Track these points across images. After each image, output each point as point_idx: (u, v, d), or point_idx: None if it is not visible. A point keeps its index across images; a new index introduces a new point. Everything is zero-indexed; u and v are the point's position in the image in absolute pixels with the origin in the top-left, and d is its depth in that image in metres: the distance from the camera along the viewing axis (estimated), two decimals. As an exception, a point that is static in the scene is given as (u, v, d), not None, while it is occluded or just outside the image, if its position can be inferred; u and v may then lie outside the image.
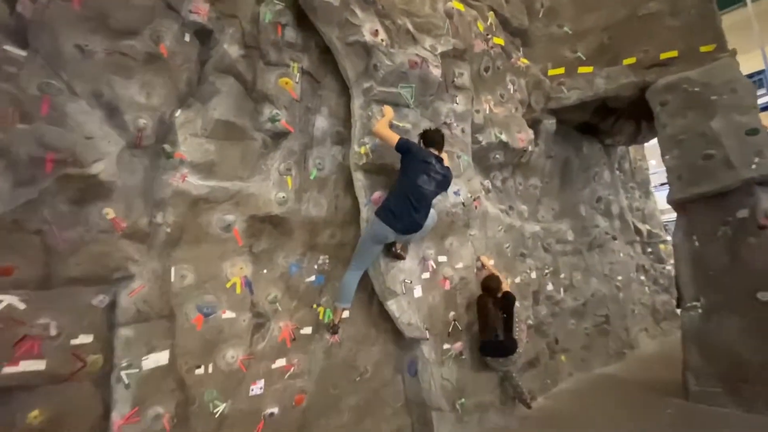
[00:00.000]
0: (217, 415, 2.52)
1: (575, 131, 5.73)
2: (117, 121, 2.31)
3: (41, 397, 1.99)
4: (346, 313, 3.18)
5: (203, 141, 2.70)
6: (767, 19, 10.60)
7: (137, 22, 2.42)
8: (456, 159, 3.77)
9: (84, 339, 2.14)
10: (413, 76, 3.33)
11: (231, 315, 2.67)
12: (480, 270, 3.84)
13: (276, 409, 2.77)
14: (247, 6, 2.90)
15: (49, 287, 2.08)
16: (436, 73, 3.44)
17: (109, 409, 2.16)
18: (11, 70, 2.07)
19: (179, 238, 2.57)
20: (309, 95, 3.24)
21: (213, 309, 2.61)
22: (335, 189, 3.33)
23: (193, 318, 2.54)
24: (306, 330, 3.04)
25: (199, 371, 2.51)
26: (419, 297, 3.32)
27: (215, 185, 2.70)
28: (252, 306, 2.80)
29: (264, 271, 2.92)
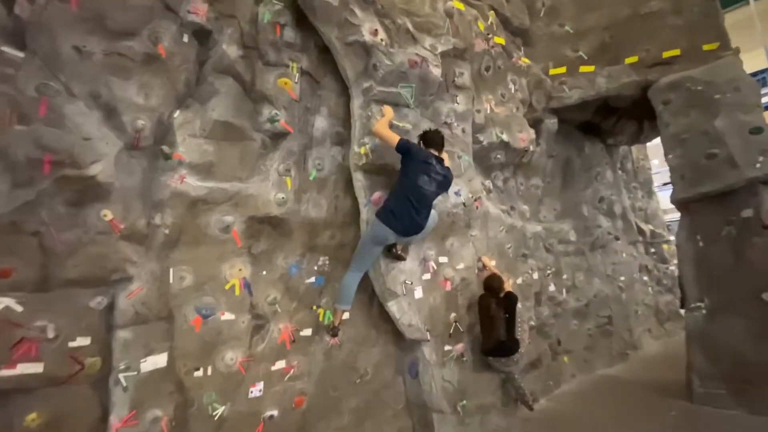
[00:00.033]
0: (216, 418, 2.51)
1: (577, 131, 5.70)
2: (115, 122, 2.31)
3: (39, 400, 1.99)
4: (346, 315, 3.16)
5: (202, 142, 2.69)
6: (770, 18, 10.52)
7: (135, 22, 2.41)
8: (457, 159, 3.74)
9: (82, 341, 2.13)
10: (413, 75, 3.31)
11: (230, 317, 2.66)
12: (481, 271, 3.82)
13: (276, 412, 2.76)
14: (246, 6, 2.89)
15: (47, 289, 2.08)
16: (436, 73, 3.42)
17: (107, 412, 2.15)
18: (9, 71, 2.08)
19: (178, 239, 2.56)
20: (308, 95, 3.23)
21: (212, 311, 2.60)
22: (335, 190, 3.32)
23: (192, 320, 2.53)
24: (306, 332, 3.03)
25: (198, 373, 2.50)
26: (420, 298, 3.30)
27: (214, 186, 2.69)
28: (251, 307, 2.78)
29: (263, 273, 2.91)
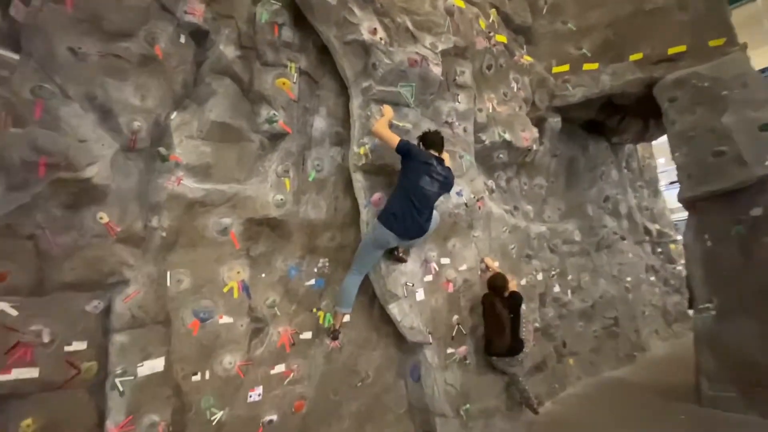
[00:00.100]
0: (215, 423, 2.48)
1: (581, 129, 5.64)
2: (111, 124, 2.29)
3: (34, 405, 1.97)
4: (346, 318, 3.12)
5: (199, 143, 2.67)
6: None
7: (131, 23, 2.40)
8: (458, 159, 3.70)
9: (78, 346, 2.12)
10: (413, 74, 3.27)
11: (228, 320, 2.64)
12: (484, 272, 3.77)
13: (275, 416, 2.73)
14: (243, 6, 2.87)
15: (43, 293, 2.06)
16: (436, 72, 3.38)
17: (104, 417, 2.13)
18: (4, 74, 2.07)
19: (175, 242, 2.54)
20: (307, 95, 3.20)
21: (210, 314, 2.58)
22: (334, 190, 3.29)
23: (190, 323, 2.51)
24: (306, 335, 2.99)
25: (196, 378, 2.48)
26: (421, 300, 3.26)
27: (211, 188, 2.67)
28: (250, 310, 2.75)
29: (262, 275, 2.88)
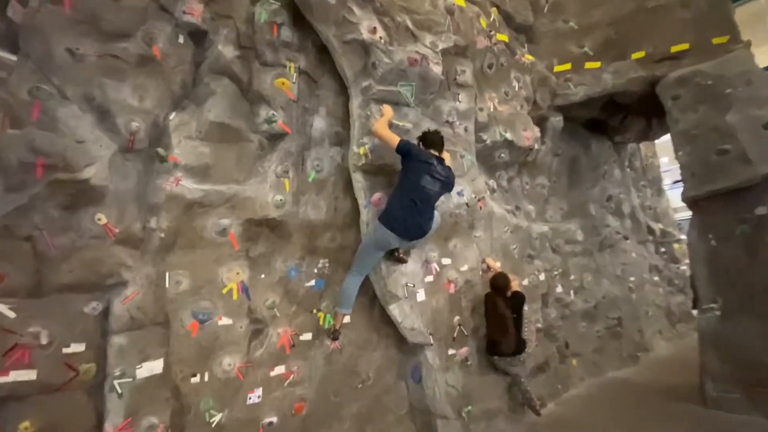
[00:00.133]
0: (214, 425, 2.46)
1: (583, 128, 5.61)
2: (109, 125, 2.27)
3: (32, 408, 1.96)
4: (347, 319, 3.11)
5: (198, 144, 2.66)
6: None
7: (129, 24, 2.39)
8: (459, 158, 3.67)
9: (76, 347, 2.10)
10: (413, 73, 3.25)
11: (227, 321, 2.62)
12: (486, 272, 3.74)
13: (275, 418, 2.71)
14: (242, 6, 2.86)
15: (40, 295, 2.05)
16: (436, 71, 3.35)
17: (102, 420, 2.12)
18: (1, 75, 2.07)
19: (174, 243, 2.52)
20: (306, 95, 3.18)
21: (209, 315, 2.56)
22: (334, 191, 3.27)
23: (189, 325, 2.49)
24: (306, 336, 2.97)
25: (195, 380, 2.46)
26: (422, 301, 3.23)
27: (210, 189, 2.65)
28: (249, 312, 2.74)
29: (261, 276, 2.86)
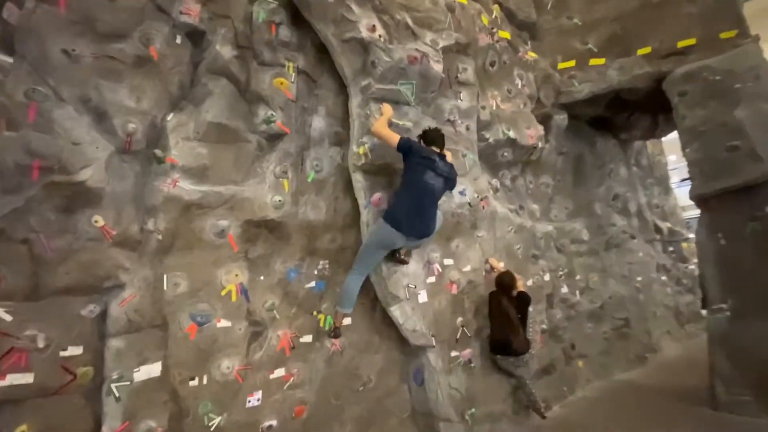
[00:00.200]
0: (213, 428, 2.44)
1: (588, 126, 5.53)
2: (105, 126, 2.27)
3: (29, 411, 1.96)
4: (347, 320, 3.08)
5: (196, 144, 2.64)
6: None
7: (126, 24, 2.38)
8: (461, 157, 3.63)
9: (73, 351, 2.10)
10: (413, 72, 3.20)
11: (226, 323, 2.60)
12: (489, 273, 3.69)
13: (275, 422, 2.68)
14: (240, 5, 2.84)
15: (37, 298, 2.05)
16: (437, 69, 3.31)
17: (100, 423, 2.10)
18: (-3, 77, 2.05)
19: (171, 244, 2.51)
20: (305, 95, 3.16)
21: (207, 318, 2.54)
22: (334, 191, 3.23)
23: (187, 327, 2.47)
24: (306, 338, 2.95)
25: (193, 383, 2.44)
26: (424, 302, 3.19)
27: (208, 190, 2.63)
28: (248, 314, 2.71)
29: (261, 278, 2.83)
